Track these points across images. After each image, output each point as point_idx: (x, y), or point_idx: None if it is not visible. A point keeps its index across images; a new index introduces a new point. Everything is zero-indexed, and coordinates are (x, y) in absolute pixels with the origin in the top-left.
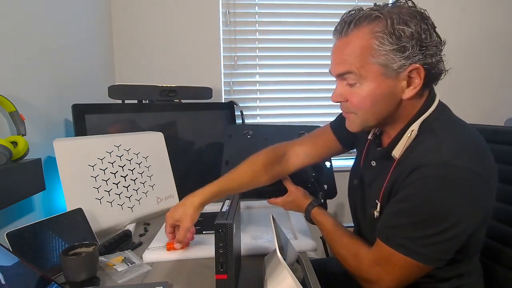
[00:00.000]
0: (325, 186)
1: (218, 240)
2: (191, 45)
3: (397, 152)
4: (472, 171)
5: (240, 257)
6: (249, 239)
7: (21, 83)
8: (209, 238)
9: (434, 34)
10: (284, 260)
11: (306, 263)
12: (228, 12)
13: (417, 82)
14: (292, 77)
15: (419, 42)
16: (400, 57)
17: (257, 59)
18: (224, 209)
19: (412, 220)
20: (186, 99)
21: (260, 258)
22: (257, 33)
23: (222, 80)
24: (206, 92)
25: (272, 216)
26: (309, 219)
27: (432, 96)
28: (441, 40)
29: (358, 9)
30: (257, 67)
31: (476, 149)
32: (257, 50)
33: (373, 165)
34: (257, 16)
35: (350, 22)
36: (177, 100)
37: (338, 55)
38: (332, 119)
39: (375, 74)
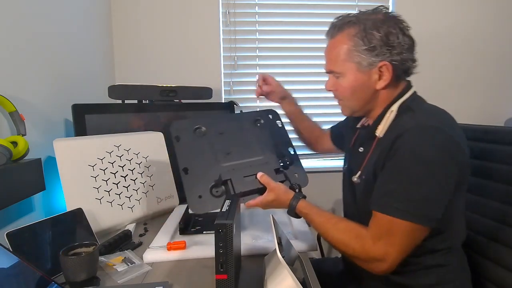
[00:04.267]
0: (296, 175)
1: (218, 240)
2: (191, 45)
3: (379, 131)
4: (442, 129)
5: (240, 257)
6: (249, 239)
7: (21, 83)
8: (209, 238)
9: (402, 36)
10: (284, 260)
11: (306, 263)
12: (228, 12)
13: (387, 75)
14: (292, 77)
15: (387, 43)
16: (370, 56)
17: (257, 59)
18: (224, 209)
19: (402, 182)
20: (186, 99)
21: (260, 258)
22: (257, 33)
23: (222, 80)
24: (206, 92)
25: (272, 216)
26: (294, 214)
27: (408, 86)
28: (412, 41)
29: (343, 16)
30: (257, 67)
31: (446, 118)
32: (257, 50)
33: (360, 151)
34: (257, 16)
35: (335, 27)
36: (177, 100)
37: (327, 55)
38: (331, 118)
39: (352, 70)
